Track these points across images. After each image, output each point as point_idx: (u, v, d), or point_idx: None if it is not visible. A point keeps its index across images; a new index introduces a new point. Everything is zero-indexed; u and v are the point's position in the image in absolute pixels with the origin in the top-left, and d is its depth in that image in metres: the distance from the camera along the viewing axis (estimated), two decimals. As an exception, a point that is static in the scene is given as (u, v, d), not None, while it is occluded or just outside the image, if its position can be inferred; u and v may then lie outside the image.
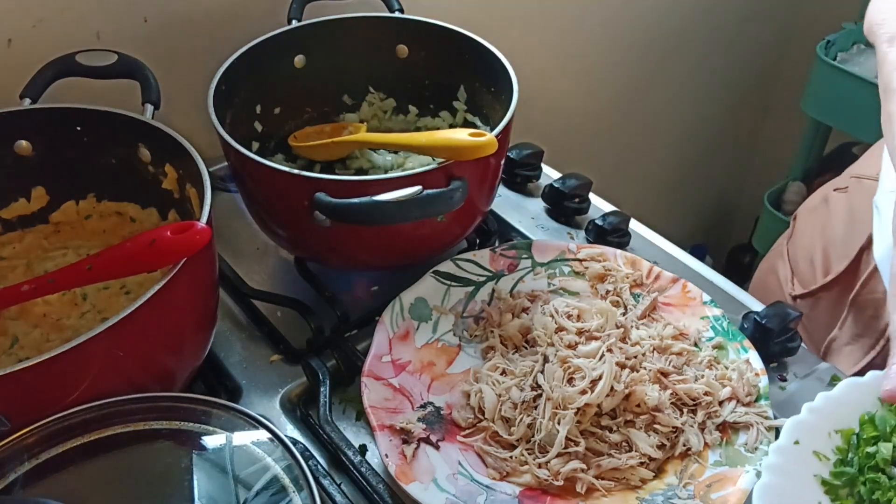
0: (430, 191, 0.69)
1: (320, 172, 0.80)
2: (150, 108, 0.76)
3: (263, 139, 0.91)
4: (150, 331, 0.61)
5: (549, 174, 1.01)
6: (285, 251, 0.88)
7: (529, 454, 0.68)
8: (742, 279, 1.06)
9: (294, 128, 0.93)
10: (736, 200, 2.22)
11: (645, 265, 0.83)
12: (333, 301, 0.80)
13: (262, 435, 0.59)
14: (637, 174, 1.78)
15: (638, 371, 0.71)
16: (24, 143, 0.76)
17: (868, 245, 0.87)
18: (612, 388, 0.69)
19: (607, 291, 0.81)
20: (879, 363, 0.84)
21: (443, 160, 0.73)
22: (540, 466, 0.67)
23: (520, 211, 0.96)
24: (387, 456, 0.66)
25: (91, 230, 0.81)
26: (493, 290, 0.82)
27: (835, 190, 0.98)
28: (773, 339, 0.77)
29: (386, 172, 0.89)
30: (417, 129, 0.96)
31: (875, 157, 0.91)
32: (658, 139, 1.79)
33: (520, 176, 0.99)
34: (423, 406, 0.72)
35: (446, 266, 0.82)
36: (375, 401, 0.70)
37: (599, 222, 0.90)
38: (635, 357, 0.72)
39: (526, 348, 0.77)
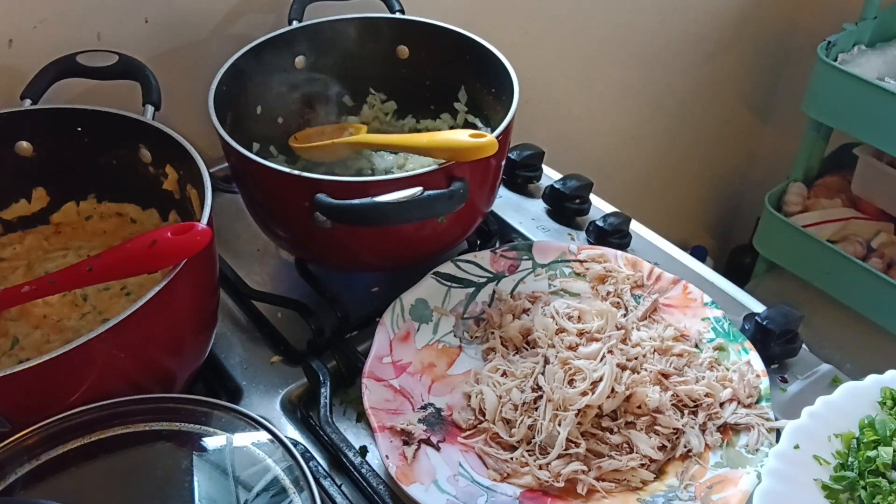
0: (430, 192, 0.69)
1: (321, 174, 0.80)
2: (150, 108, 0.76)
3: (264, 140, 0.91)
4: (151, 332, 0.61)
5: (550, 175, 1.01)
6: (286, 252, 0.88)
7: (530, 455, 0.68)
8: (743, 280, 1.06)
9: (295, 129, 0.93)
10: (737, 201, 2.21)
11: (646, 266, 0.83)
12: (334, 302, 0.80)
13: (263, 436, 0.59)
14: (638, 175, 1.78)
15: (639, 372, 0.71)
16: (24, 143, 0.76)
17: None
18: (612, 390, 0.69)
19: (608, 293, 0.81)
20: None
21: (443, 161, 0.73)
22: (541, 468, 0.67)
23: (520, 212, 0.96)
24: (387, 457, 0.65)
25: (91, 231, 0.81)
26: (494, 292, 0.82)
27: None
28: (774, 340, 0.77)
29: (386, 173, 0.89)
30: (418, 131, 0.96)
31: None
32: (659, 140, 1.79)
33: (520, 177, 0.99)
34: (424, 407, 0.72)
35: (447, 267, 0.82)
36: (376, 402, 0.70)
37: (600, 223, 0.90)
38: (636, 358, 0.72)
39: (526, 349, 0.76)
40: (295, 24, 0.90)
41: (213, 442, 0.59)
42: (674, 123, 1.80)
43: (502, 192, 0.98)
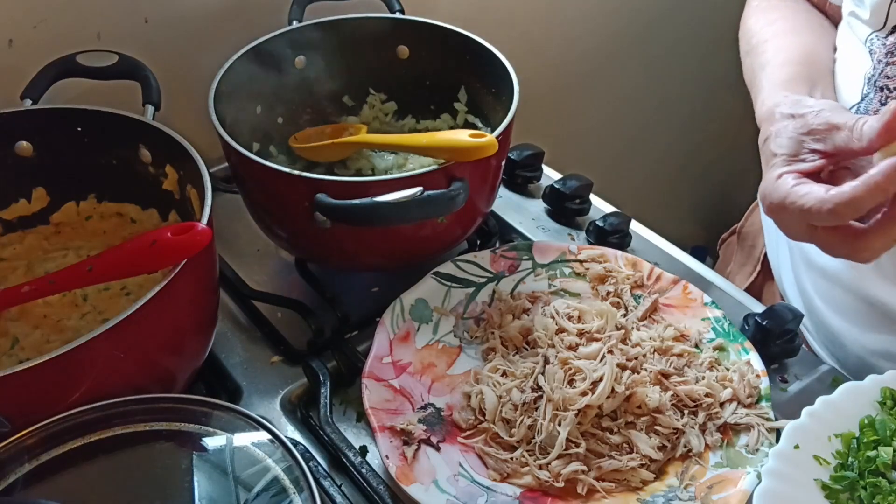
0: (430, 192, 0.69)
1: (321, 174, 0.80)
2: (150, 108, 0.76)
3: (264, 140, 0.91)
4: (151, 332, 0.61)
5: (550, 175, 1.01)
6: (286, 252, 0.88)
7: (530, 455, 0.68)
8: (743, 281, 1.06)
9: (295, 129, 0.93)
10: (737, 201, 2.21)
11: (646, 266, 0.83)
12: (334, 302, 0.80)
13: (263, 436, 0.59)
14: (638, 175, 1.78)
15: (639, 372, 0.71)
16: (24, 143, 0.76)
17: None
18: (612, 390, 0.69)
19: (608, 293, 0.81)
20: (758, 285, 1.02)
21: (443, 161, 0.73)
22: (541, 468, 0.67)
23: (520, 212, 0.96)
24: (387, 457, 0.65)
25: (91, 231, 0.81)
26: (494, 292, 0.82)
27: None
28: (774, 340, 0.77)
29: (386, 173, 0.89)
30: (418, 131, 0.96)
31: None
32: (659, 140, 1.79)
33: (520, 177, 0.99)
34: (424, 407, 0.72)
35: (447, 267, 0.82)
36: (376, 402, 0.69)
37: (600, 223, 0.90)
38: (636, 358, 0.72)
39: (526, 349, 0.76)
40: (295, 24, 0.90)
41: (213, 442, 0.59)
42: (674, 123, 1.80)
43: (502, 192, 0.98)
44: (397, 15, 0.95)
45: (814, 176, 0.64)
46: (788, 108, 0.68)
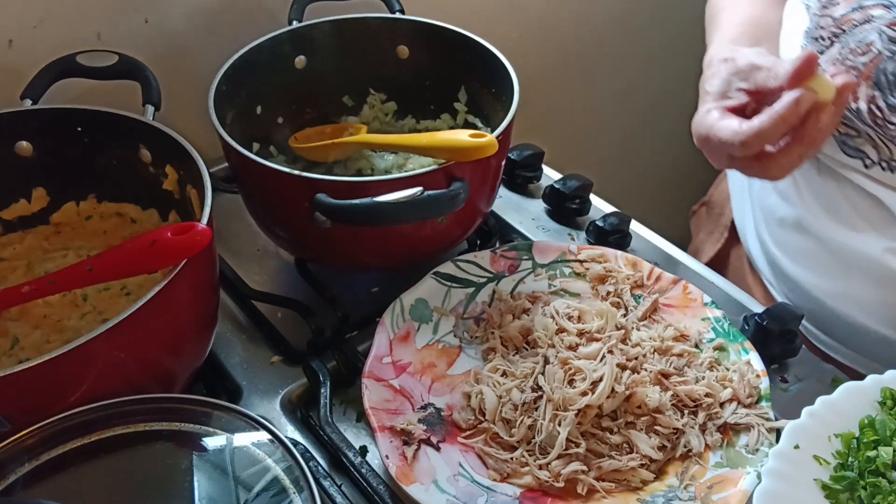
0: (430, 192, 0.69)
1: (321, 174, 0.80)
2: (150, 108, 0.76)
3: (264, 140, 0.91)
4: (151, 332, 0.61)
5: (550, 175, 1.01)
6: (286, 252, 0.88)
7: (530, 455, 0.68)
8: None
9: (295, 129, 0.93)
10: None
11: (646, 266, 0.83)
12: (334, 302, 0.80)
13: (263, 436, 0.59)
14: (638, 175, 1.78)
15: (639, 372, 0.71)
16: (24, 143, 0.76)
17: None
18: (612, 390, 0.69)
19: (608, 293, 0.81)
20: (726, 249, 1.05)
21: (443, 161, 0.73)
22: (540, 468, 0.67)
23: (520, 212, 0.96)
24: (387, 457, 0.65)
25: (91, 231, 0.81)
26: (494, 292, 0.82)
27: None
28: (774, 340, 0.77)
29: (386, 173, 0.89)
30: (418, 131, 0.96)
31: None
32: (659, 140, 1.79)
33: (520, 177, 0.99)
34: (424, 407, 0.72)
35: (447, 267, 0.82)
36: (376, 402, 0.69)
37: (600, 223, 0.90)
38: (636, 358, 0.72)
39: (526, 349, 0.76)
40: (295, 24, 0.90)
41: (213, 442, 0.59)
42: (673, 123, 1.80)
43: (502, 192, 0.98)
44: (397, 15, 0.95)
45: (739, 111, 0.70)
46: (725, 53, 0.75)
